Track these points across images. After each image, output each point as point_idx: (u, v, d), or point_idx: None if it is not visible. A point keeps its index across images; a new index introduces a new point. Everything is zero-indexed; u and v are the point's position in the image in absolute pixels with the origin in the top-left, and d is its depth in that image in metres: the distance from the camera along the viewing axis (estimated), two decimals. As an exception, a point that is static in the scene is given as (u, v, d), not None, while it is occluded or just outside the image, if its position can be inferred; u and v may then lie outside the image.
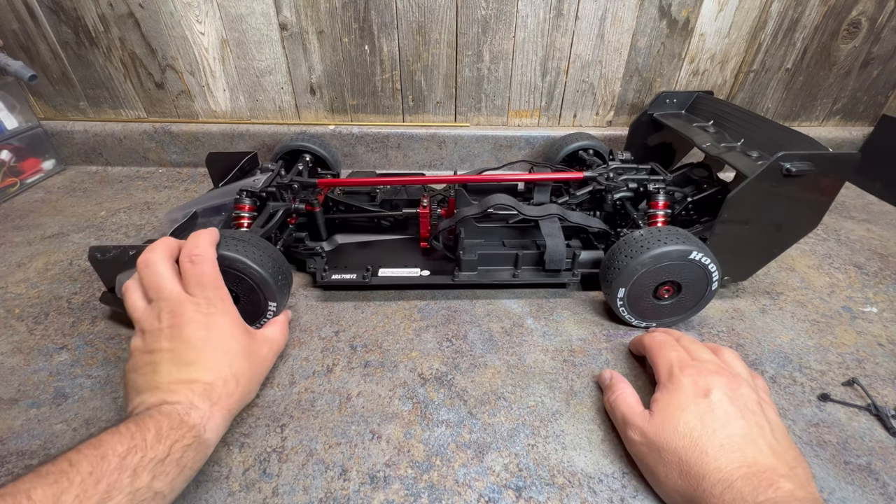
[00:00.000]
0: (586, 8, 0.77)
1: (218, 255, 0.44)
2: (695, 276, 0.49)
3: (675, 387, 0.38)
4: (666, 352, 0.42)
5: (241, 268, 0.45)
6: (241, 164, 0.68)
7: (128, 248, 0.49)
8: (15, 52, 0.80)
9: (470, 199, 0.59)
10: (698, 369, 0.39)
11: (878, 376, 0.49)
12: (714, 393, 0.37)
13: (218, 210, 0.62)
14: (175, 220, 0.57)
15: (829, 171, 0.48)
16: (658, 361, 0.42)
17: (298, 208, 0.60)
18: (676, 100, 0.76)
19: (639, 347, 0.48)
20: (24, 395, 0.44)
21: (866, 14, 0.81)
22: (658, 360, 0.42)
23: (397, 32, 0.79)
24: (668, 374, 0.40)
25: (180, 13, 0.77)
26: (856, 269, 0.66)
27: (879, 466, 0.40)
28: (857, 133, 0.95)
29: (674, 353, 0.42)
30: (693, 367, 0.39)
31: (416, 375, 0.47)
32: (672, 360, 0.41)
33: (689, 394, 0.37)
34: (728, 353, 0.43)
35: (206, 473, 0.38)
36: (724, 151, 0.57)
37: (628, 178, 0.62)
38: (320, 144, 0.77)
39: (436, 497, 0.36)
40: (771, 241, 0.53)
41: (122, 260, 0.49)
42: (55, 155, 0.89)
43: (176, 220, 0.56)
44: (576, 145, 0.78)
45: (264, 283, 0.47)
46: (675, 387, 0.38)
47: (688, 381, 0.38)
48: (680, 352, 0.42)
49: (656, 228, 0.50)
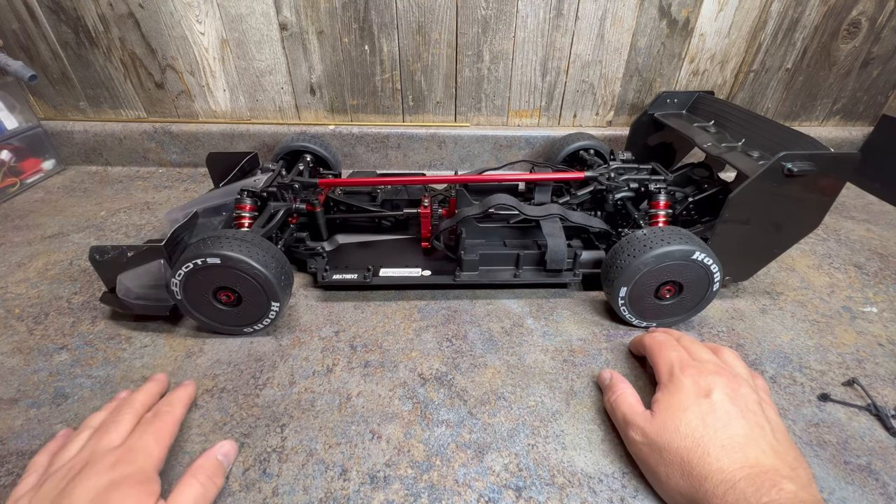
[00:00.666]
0: (586, 8, 0.77)
1: (222, 255, 0.45)
2: (697, 276, 0.49)
3: (676, 387, 0.38)
4: (666, 352, 0.42)
5: (245, 268, 0.46)
6: (242, 165, 0.68)
7: (127, 249, 0.49)
8: (15, 52, 0.80)
9: (471, 199, 0.59)
10: (699, 369, 0.39)
11: (878, 376, 0.49)
12: (715, 393, 0.37)
13: (218, 210, 0.62)
14: (175, 219, 0.57)
15: (831, 171, 0.48)
16: (658, 361, 0.42)
17: (299, 208, 0.60)
18: (677, 100, 0.76)
19: (639, 347, 0.48)
20: (24, 395, 0.44)
21: (866, 14, 0.81)
22: (658, 360, 0.42)
23: (397, 32, 0.79)
24: (669, 374, 0.40)
25: (180, 13, 0.77)
26: (856, 269, 0.66)
27: (879, 466, 0.40)
28: (857, 133, 0.95)
29: (674, 353, 0.42)
30: (694, 367, 0.39)
31: (416, 375, 0.47)
32: (672, 360, 0.41)
33: (690, 394, 0.37)
34: (728, 353, 0.43)
35: (206, 473, 0.38)
36: (725, 151, 0.57)
37: (629, 178, 0.62)
38: (321, 144, 0.77)
39: (436, 497, 0.36)
40: (772, 240, 0.53)
41: (122, 261, 0.49)
42: (55, 155, 0.89)
43: (176, 219, 0.56)
44: (576, 145, 0.78)
45: (268, 284, 0.47)
46: (676, 387, 0.38)
47: (689, 382, 0.38)
48: (680, 352, 0.42)
49: (659, 228, 0.50)
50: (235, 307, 0.49)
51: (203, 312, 0.49)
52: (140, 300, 0.50)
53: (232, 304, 0.49)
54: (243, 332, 0.51)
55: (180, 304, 0.48)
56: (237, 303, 0.49)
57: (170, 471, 0.37)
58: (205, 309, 0.49)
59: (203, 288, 0.47)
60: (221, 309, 0.49)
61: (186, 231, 0.54)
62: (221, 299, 0.48)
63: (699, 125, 0.68)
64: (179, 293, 0.47)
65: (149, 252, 0.49)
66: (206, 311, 0.49)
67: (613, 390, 0.42)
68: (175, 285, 0.47)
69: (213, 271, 0.46)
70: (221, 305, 0.49)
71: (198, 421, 0.42)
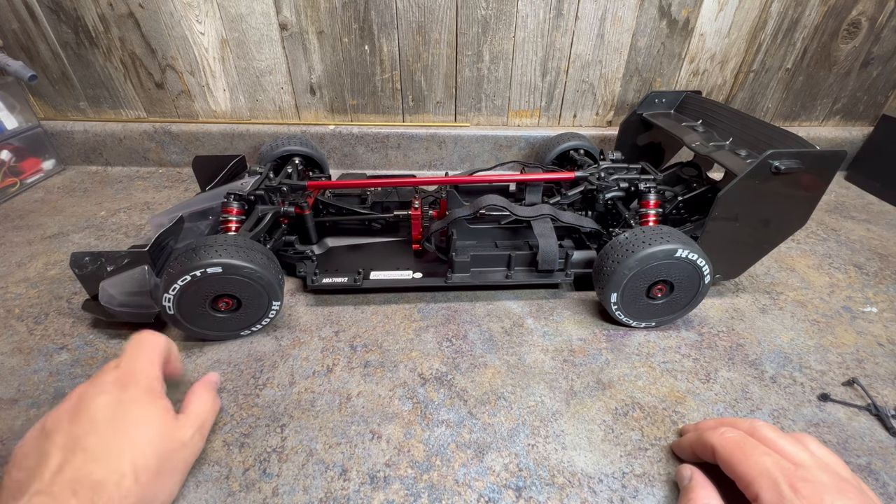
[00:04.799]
0: (586, 8, 0.77)
1: (223, 264, 0.44)
2: (685, 273, 0.49)
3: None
4: (754, 458, 0.33)
5: (248, 273, 0.45)
6: (229, 168, 0.66)
7: (111, 255, 0.48)
8: (15, 52, 0.80)
9: (462, 200, 0.59)
10: (815, 487, 0.30)
11: (878, 376, 0.49)
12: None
13: (205, 214, 0.60)
14: (161, 224, 0.55)
15: (818, 168, 0.48)
16: (750, 473, 0.32)
17: (287, 211, 0.59)
18: (665, 99, 0.76)
19: (697, 451, 0.37)
20: (24, 395, 0.44)
21: (866, 14, 0.81)
22: (749, 472, 0.32)
23: (397, 32, 0.79)
24: (778, 496, 0.30)
25: (180, 13, 0.77)
26: (856, 269, 0.66)
27: (879, 466, 0.40)
28: (857, 133, 0.95)
29: (766, 458, 0.32)
30: (806, 483, 0.30)
31: (416, 375, 0.47)
32: (771, 471, 0.31)
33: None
34: (814, 444, 0.34)
35: (206, 473, 0.38)
36: (714, 150, 0.58)
37: (619, 177, 0.62)
38: (305, 144, 0.75)
39: (436, 497, 0.36)
40: (761, 237, 0.54)
41: (106, 268, 0.48)
42: (55, 155, 0.89)
43: (162, 224, 0.55)
44: (566, 145, 0.78)
45: (269, 285, 0.47)
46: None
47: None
48: (772, 455, 0.33)
49: (640, 229, 0.50)
50: (234, 312, 0.49)
51: (198, 324, 0.48)
52: (124, 307, 0.49)
53: (231, 310, 0.48)
54: (240, 335, 0.51)
55: (171, 319, 0.47)
56: (237, 307, 0.48)
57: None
58: (200, 320, 0.48)
59: (200, 299, 0.46)
60: (219, 317, 0.48)
61: (171, 236, 0.53)
62: (219, 307, 0.48)
63: (687, 124, 0.68)
64: (172, 308, 0.46)
65: (133, 259, 0.48)
66: (201, 322, 0.48)
67: (691, 497, 0.34)
68: (168, 300, 0.45)
69: (212, 280, 0.45)
70: (220, 313, 0.48)
71: (198, 421, 0.42)
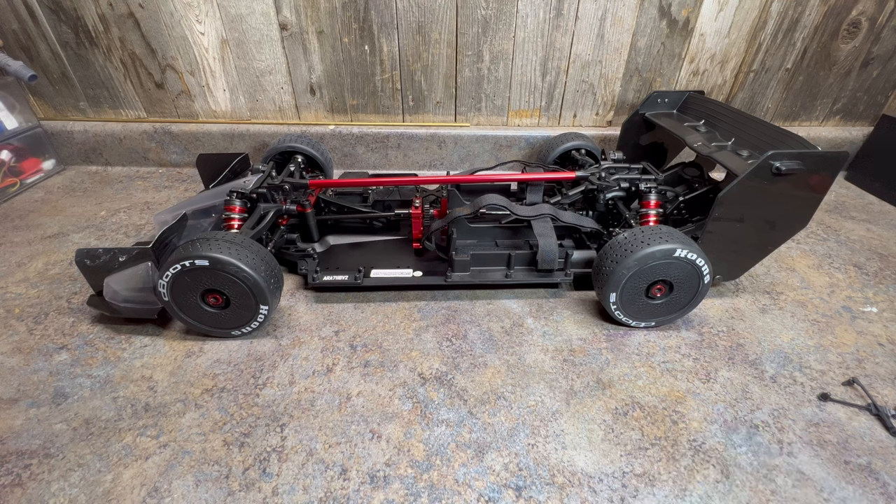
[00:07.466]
0: (586, 8, 0.77)
1: (210, 257, 0.44)
2: (684, 273, 0.49)
3: None
4: None
5: (234, 271, 0.45)
6: (232, 166, 0.67)
7: (119, 252, 0.48)
8: (15, 52, 0.80)
9: (462, 199, 0.59)
10: None
11: (878, 376, 0.49)
12: None
13: (208, 212, 0.61)
14: (164, 221, 0.56)
15: (819, 169, 0.48)
16: None
17: (289, 210, 0.60)
18: (668, 99, 0.76)
19: None
20: (24, 395, 0.44)
21: (866, 14, 0.81)
22: None
23: (397, 32, 0.79)
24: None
25: (180, 13, 0.77)
26: (856, 269, 0.66)
27: (879, 466, 0.40)
28: (857, 133, 0.95)
29: None
30: None
31: (416, 375, 0.47)
32: None
33: None
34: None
35: (206, 473, 0.38)
36: (715, 150, 0.58)
37: (620, 177, 0.62)
38: (310, 144, 0.76)
39: (436, 496, 0.36)
40: (762, 238, 0.54)
41: (112, 266, 0.49)
42: (55, 155, 0.89)
43: (165, 221, 0.55)
44: (568, 145, 0.78)
45: (257, 287, 0.47)
46: None
47: None
48: None
49: (639, 229, 0.50)
50: (223, 310, 0.49)
51: (190, 315, 0.49)
52: (128, 303, 0.50)
53: (220, 307, 0.49)
54: (231, 335, 0.51)
55: (167, 306, 0.48)
56: (225, 305, 0.48)
57: (174, 474, 0.37)
58: (192, 311, 0.49)
59: (191, 290, 0.47)
60: (209, 311, 0.49)
61: (175, 233, 0.54)
62: (209, 301, 0.48)
63: (690, 124, 0.68)
64: (167, 295, 0.47)
65: (137, 255, 0.49)
66: (193, 313, 0.49)
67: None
68: (162, 287, 0.46)
69: (200, 273, 0.45)
70: (209, 308, 0.49)
71: (198, 421, 0.42)
